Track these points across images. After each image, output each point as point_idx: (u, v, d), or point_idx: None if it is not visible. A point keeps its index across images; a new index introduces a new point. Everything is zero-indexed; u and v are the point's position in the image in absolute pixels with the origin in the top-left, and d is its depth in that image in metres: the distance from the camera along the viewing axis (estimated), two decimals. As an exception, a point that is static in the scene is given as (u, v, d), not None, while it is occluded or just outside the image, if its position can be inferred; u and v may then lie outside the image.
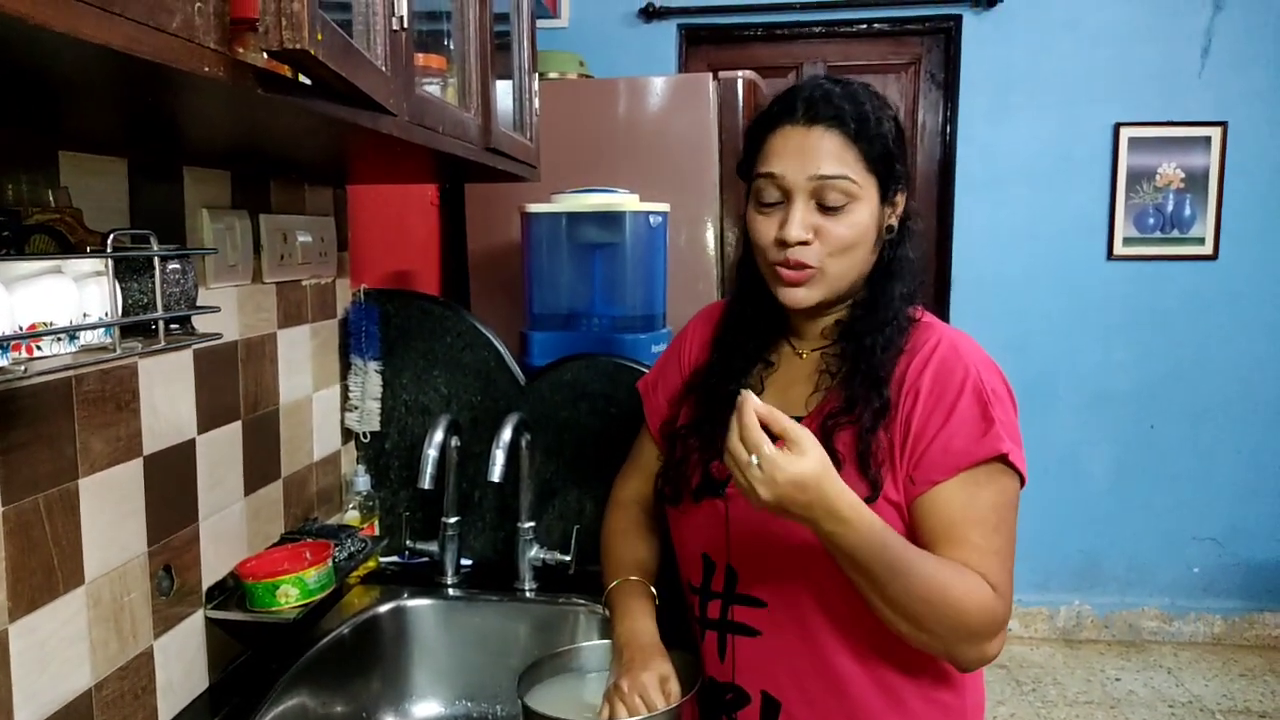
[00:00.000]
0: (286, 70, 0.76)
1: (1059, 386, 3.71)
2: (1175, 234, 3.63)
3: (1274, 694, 3.36)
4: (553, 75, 2.62)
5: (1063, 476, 3.71)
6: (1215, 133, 3.56)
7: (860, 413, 1.10)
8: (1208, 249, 3.63)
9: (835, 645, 1.13)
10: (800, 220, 1.09)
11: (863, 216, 1.11)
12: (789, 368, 1.22)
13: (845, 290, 1.15)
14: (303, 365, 1.60)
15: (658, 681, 1.12)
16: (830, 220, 1.10)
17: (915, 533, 1.09)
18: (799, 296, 1.13)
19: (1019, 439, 1.10)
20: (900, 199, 1.16)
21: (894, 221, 1.16)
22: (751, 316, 1.24)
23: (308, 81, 0.79)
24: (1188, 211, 3.62)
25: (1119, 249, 3.64)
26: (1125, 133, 3.58)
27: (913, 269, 1.18)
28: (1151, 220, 3.63)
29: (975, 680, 1.21)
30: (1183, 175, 3.60)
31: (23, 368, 0.74)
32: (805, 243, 1.10)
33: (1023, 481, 1.11)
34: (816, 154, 1.09)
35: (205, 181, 1.30)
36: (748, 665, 1.19)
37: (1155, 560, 3.78)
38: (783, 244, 1.10)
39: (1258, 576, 3.74)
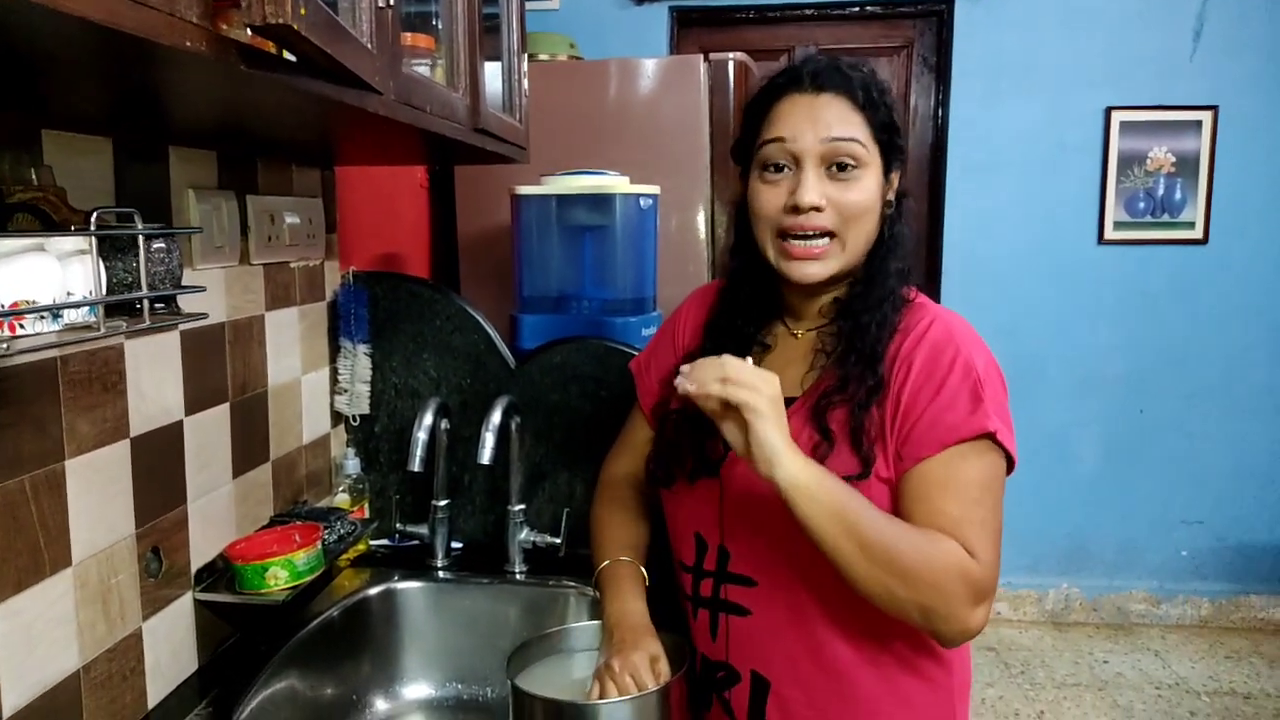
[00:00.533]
0: (270, 46, 0.75)
1: (1049, 370, 3.72)
2: (1166, 218, 3.64)
3: (1259, 675, 3.39)
4: (543, 57, 2.61)
5: (1052, 460, 3.73)
6: (1206, 117, 3.57)
7: (854, 391, 1.10)
8: (1198, 233, 3.64)
9: (825, 625, 1.14)
10: (814, 186, 1.09)
11: (871, 184, 1.11)
12: (784, 349, 1.22)
13: (855, 264, 1.15)
14: (291, 348, 1.60)
15: (648, 661, 1.13)
16: (841, 187, 1.10)
17: (899, 507, 1.09)
18: (812, 271, 1.12)
19: (1009, 421, 1.10)
20: (896, 176, 1.17)
21: (891, 197, 1.17)
22: (746, 300, 1.24)
23: (292, 58, 0.78)
24: (1178, 195, 3.63)
25: (1110, 233, 3.65)
26: (1116, 116, 3.58)
27: (907, 246, 1.18)
28: (1142, 204, 3.64)
29: (963, 658, 1.21)
30: (1174, 159, 3.61)
31: (5, 345, 0.73)
32: (818, 209, 1.09)
33: (1012, 465, 1.10)
34: (827, 117, 1.09)
35: (191, 162, 1.29)
36: (739, 644, 1.19)
37: (1144, 543, 3.80)
38: (795, 210, 1.10)
39: (1245, 559, 3.77)
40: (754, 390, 0.99)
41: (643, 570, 1.27)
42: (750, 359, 1.04)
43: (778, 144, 1.11)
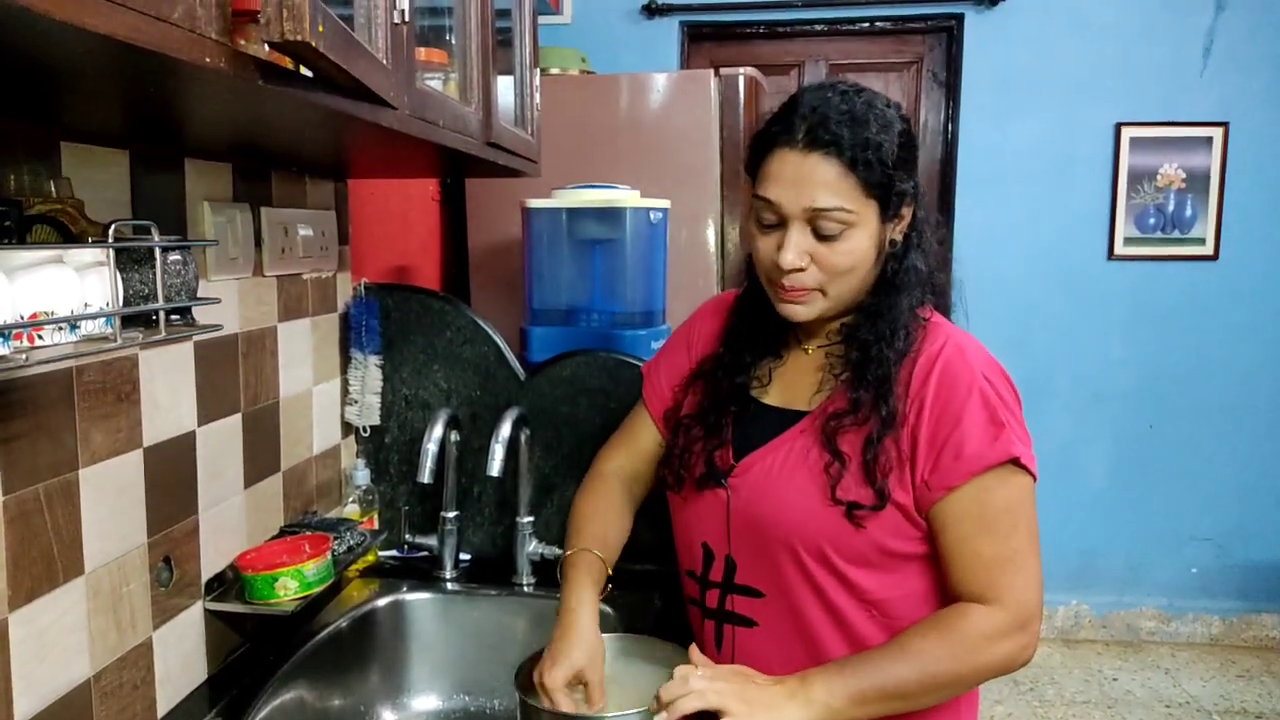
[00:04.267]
0: (288, 62, 0.76)
1: (1058, 386, 3.71)
2: (1176, 234, 3.63)
3: (1270, 695, 3.36)
4: (554, 71, 2.62)
5: (1061, 476, 3.71)
6: (1217, 133, 3.56)
7: (864, 416, 1.10)
8: (1208, 249, 3.63)
9: (830, 637, 1.14)
10: (795, 246, 1.09)
11: (860, 243, 1.10)
12: (795, 362, 1.23)
13: (846, 305, 1.16)
14: (303, 359, 1.60)
15: (568, 676, 1.11)
16: (826, 247, 1.09)
17: (932, 543, 1.11)
18: (798, 312, 1.14)
19: (1028, 438, 1.11)
20: (906, 212, 1.14)
21: (898, 236, 1.15)
22: (760, 311, 1.24)
23: (309, 73, 0.79)
24: (1189, 212, 3.62)
25: (1119, 249, 3.64)
26: (1127, 132, 3.58)
27: (921, 278, 1.17)
28: (1152, 220, 3.63)
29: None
30: (1184, 175, 3.60)
31: (24, 356, 0.74)
32: (800, 269, 1.10)
33: (1034, 477, 1.11)
34: (811, 184, 1.07)
35: (207, 174, 1.30)
36: (744, 655, 1.19)
37: (1153, 560, 3.78)
38: (779, 268, 1.11)
39: (1256, 577, 3.74)
40: (720, 695, 1.02)
41: (608, 569, 1.24)
42: (699, 669, 1.06)
43: (765, 204, 1.11)
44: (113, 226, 0.87)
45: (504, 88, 1.59)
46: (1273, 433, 3.68)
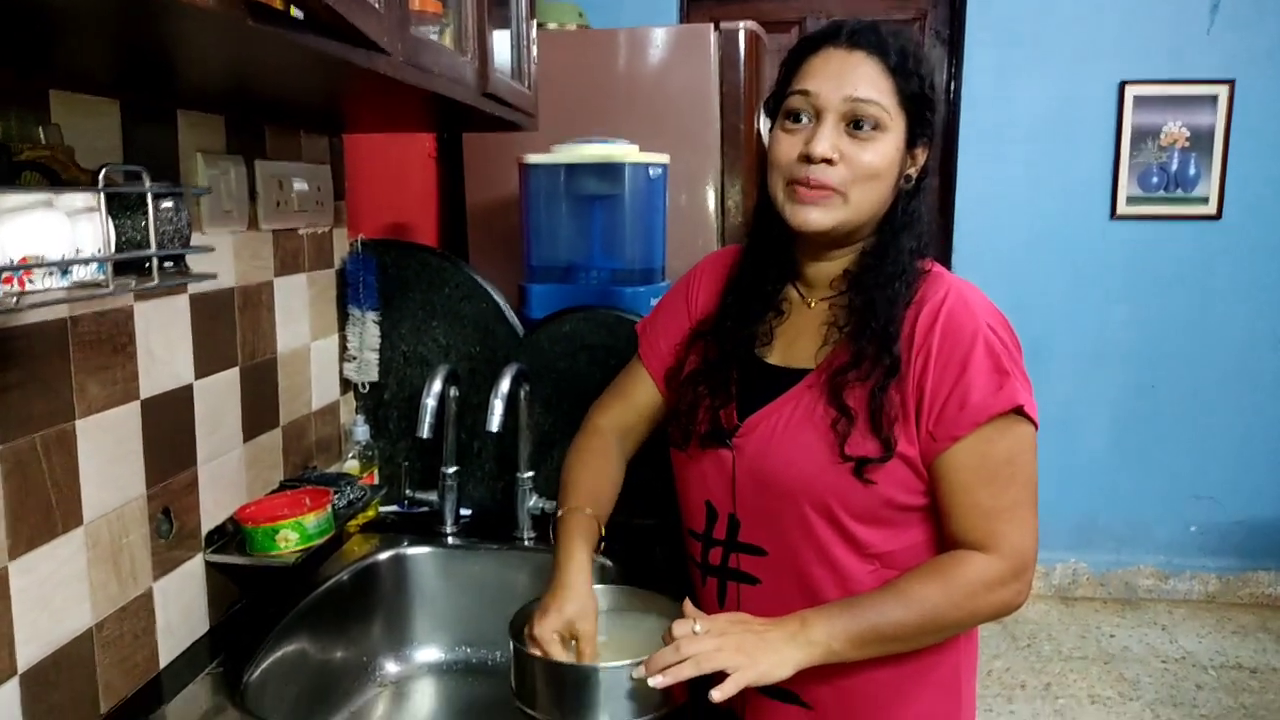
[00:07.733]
0: (278, 2, 0.75)
1: (1060, 345, 3.70)
2: (1179, 193, 3.61)
3: (1265, 650, 3.40)
4: (551, 26, 2.59)
5: (1062, 435, 3.72)
6: (1222, 91, 3.53)
7: (869, 370, 1.10)
8: (1212, 209, 3.61)
9: (831, 591, 1.14)
10: (828, 138, 1.09)
11: (889, 148, 1.10)
12: (798, 317, 1.22)
13: (858, 224, 1.13)
14: (300, 314, 1.60)
15: (562, 625, 1.11)
16: (857, 145, 1.09)
17: (938, 494, 1.11)
18: (813, 217, 1.11)
19: (1030, 387, 1.11)
20: (921, 153, 1.15)
21: (912, 172, 1.15)
22: (765, 261, 1.23)
23: (299, 14, 0.78)
24: (1192, 171, 3.59)
25: (1122, 208, 3.62)
26: (1130, 91, 3.55)
27: (924, 223, 1.16)
28: (1155, 179, 3.61)
29: (969, 631, 1.22)
30: (1188, 134, 3.57)
31: (14, 300, 0.74)
32: (830, 162, 1.09)
33: (1036, 426, 1.12)
34: (854, 76, 1.09)
35: (199, 125, 1.29)
36: (747, 613, 1.19)
37: (1152, 519, 3.80)
38: (807, 160, 1.09)
39: (1253, 535, 3.76)
40: (719, 651, 1.02)
41: (600, 526, 1.25)
42: (695, 622, 1.06)
43: (802, 96, 1.11)
44: (103, 171, 0.86)
45: (500, 41, 1.56)
46: (1273, 392, 3.68)
